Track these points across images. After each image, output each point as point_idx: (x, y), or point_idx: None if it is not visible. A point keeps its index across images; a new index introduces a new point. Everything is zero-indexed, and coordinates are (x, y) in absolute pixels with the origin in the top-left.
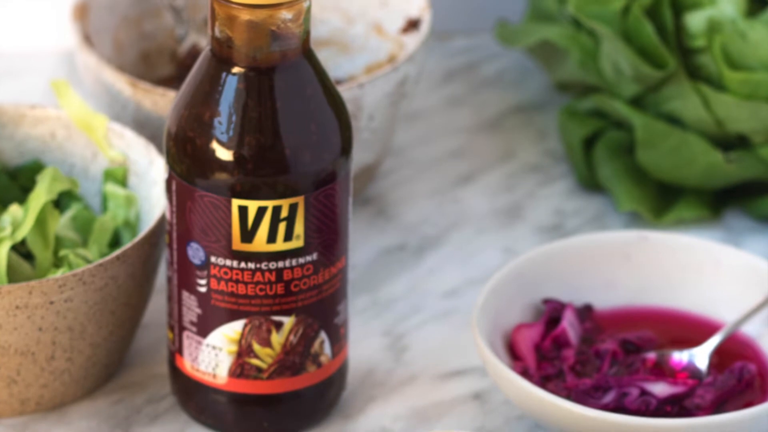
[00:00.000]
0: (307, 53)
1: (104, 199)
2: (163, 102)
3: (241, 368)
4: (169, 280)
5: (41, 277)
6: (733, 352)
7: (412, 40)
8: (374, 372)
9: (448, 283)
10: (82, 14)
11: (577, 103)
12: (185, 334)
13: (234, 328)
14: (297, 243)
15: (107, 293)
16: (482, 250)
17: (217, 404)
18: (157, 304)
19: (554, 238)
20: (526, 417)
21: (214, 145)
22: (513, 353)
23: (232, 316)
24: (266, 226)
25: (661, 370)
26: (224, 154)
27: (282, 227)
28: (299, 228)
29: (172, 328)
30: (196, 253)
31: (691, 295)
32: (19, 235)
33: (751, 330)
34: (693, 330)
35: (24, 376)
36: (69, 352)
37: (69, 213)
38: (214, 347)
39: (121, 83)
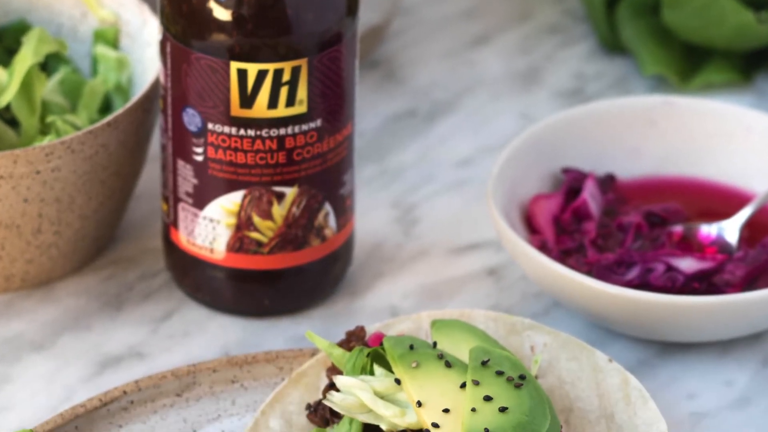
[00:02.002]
0: None
1: (94, 62)
2: None
3: (240, 242)
4: (164, 148)
5: (27, 145)
6: (765, 224)
7: None
8: (382, 246)
9: (461, 151)
10: None
11: None
12: (181, 206)
13: (232, 200)
14: (300, 109)
15: (97, 162)
16: (497, 116)
17: (215, 280)
18: (151, 174)
19: (574, 103)
20: (543, 294)
21: (212, 3)
22: (530, 226)
23: (231, 186)
24: (267, 91)
25: (689, 245)
26: (222, 14)
27: (284, 92)
28: (302, 93)
29: (166, 199)
30: (192, 119)
31: (720, 164)
32: (4, 101)
33: None
34: (722, 201)
35: (8, 250)
36: (56, 225)
37: (57, 76)
38: (211, 220)
39: None
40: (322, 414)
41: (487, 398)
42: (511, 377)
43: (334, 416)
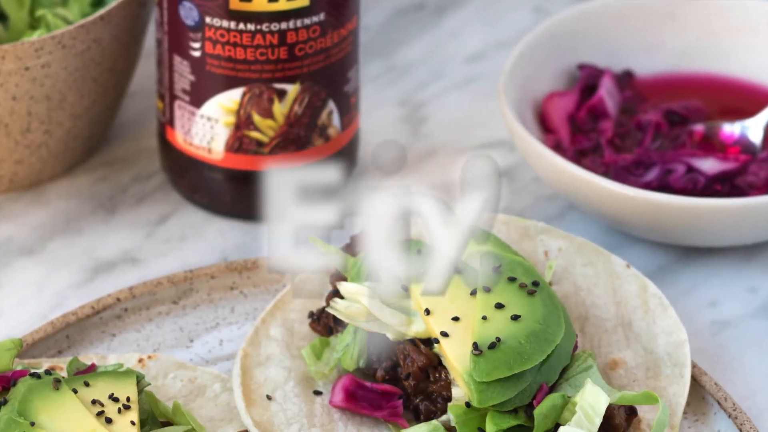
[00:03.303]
0: None
1: None
2: None
3: (239, 142)
4: (159, 43)
5: (15, 40)
6: None
7: None
8: None
9: (472, 46)
10: None
11: None
12: (177, 103)
13: (231, 97)
14: (302, 1)
15: (89, 58)
16: (510, 10)
17: (213, 182)
18: (146, 71)
19: None
20: (558, 197)
21: None
22: (544, 125)
23: (230, 83)
24: None
25: (710, 144)
26: None
27: None
28: None
29: (162, 96)
30: (189, 12)
31: (744, 60)
32: None
33: None
34: (746, 99)
35: None
36: (46, 124)
37: None
38: (209, 118)
39: None
40: (325, 322)
41: (499, 306)
42: (523, 284)
43: (338, 324)
